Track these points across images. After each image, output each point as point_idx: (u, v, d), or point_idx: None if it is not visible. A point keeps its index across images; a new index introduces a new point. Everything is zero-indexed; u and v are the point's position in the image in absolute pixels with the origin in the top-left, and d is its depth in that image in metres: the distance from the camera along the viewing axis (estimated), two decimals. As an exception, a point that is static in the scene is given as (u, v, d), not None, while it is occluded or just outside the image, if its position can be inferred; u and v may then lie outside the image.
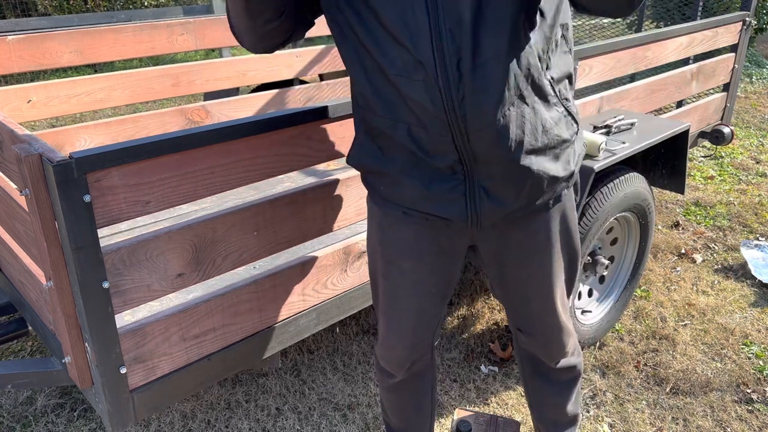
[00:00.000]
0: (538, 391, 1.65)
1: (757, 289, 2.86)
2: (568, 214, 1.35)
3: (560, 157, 1.23)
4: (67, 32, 2.40)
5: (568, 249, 1.39)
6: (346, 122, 1.57)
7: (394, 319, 1.43)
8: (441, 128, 1.12)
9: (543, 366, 1.59)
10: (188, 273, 1.38)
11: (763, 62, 6.84)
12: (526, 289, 1.39)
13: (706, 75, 3.09)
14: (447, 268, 1.38)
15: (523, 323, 1.47)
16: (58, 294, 1.23)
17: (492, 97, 1.08)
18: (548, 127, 1.18)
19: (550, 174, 1.21)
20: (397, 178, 1.23)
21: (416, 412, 1.66)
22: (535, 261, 1.34)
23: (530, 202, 1.24)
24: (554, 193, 1.27)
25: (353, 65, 1.18)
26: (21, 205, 1.32)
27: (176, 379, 1.45)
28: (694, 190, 3.93)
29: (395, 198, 1.27)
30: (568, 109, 1.23)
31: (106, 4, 7.68)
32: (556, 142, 1.20)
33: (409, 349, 1.47)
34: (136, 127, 2.58)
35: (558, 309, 1.43)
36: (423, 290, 1.38)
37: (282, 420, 2.11)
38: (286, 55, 3.02)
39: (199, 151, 1.30)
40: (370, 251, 1.44)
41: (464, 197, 1.20)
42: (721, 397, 2.20)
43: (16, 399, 2.21)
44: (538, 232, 1.31)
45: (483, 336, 2.52)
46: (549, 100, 1.17)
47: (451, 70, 1.06)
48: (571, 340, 1.52)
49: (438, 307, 1.43)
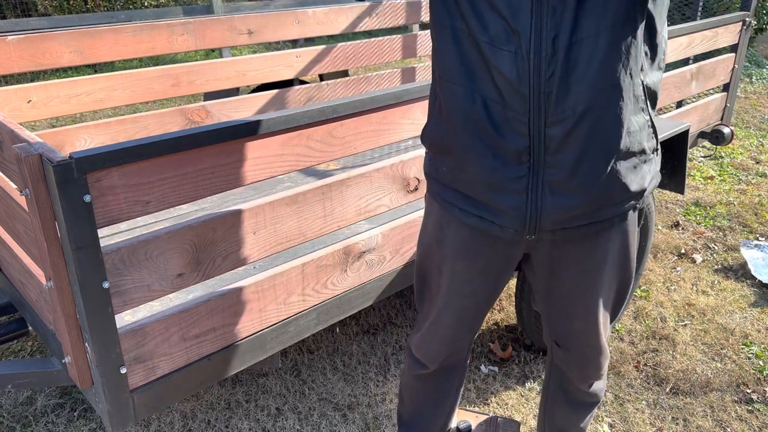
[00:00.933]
0: (558, 410, 1.63)
1: (757, 289, 2.86)
2: (630, 239, 1.29)
3: (637, 169, 1.17)
4: (67, 32, 2.40)
5: (622, 274, 1.34)
6: (346, 122, 1.57)
7: (437, 314, 1.43)
8: (520, 106, 1.07)
9: (571, 386, 1.55)
10: (188, 273, 1.38)
11: (763, 62, 6.84)
12: (572, 307, 1.35)
13: (706, 75, 3.09)
14: (497, 274, 1.34)
15: (562, 339, 1.44)
16: (58, 294, 1.23)
17: (583, 78, 1.03)
18: (633, 130, 1.12)
19: (623, 182, 1.15)
20: (462, 158, 1.17)
21: (435, 407, 1.65)
22: (587, 280, 1.30)
23: (594, 211, 1.17)
24: (620, 209, 1.20)
25: (443, 29, 1.13)
26: (21, 205, 1.32)
27: (176, 379, 1.45)
28: (694, 190, 3.93)
29: (456, 183, 1.22)
30: (653, 120, 1.18)
31: (106, 4, 7.67)
32: (637, 149, 1.15)
33: (446, 345, 1.47)
34: (136, 127, 2.58)
35: (600, 331, 1.39)
36: (470, 291, 1.36)
37: (282, 420, 2.11)
38: (286, 55, 3.03)
39: (199, 151, 1.30)
40: (424, 246, 1.41)
41: (525, 192, 1.14)
42: (721, 397, 2.20)
43: (16, 399, 2.21)
44: (596, 250, 1.26)
45: (483, 336, 2.52)
46: (638, 102, 1.12)
47: (545, 44, 1.02)
48: (605, 364, 1.48)
49: (482, 309, 1.41)
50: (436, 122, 1.23)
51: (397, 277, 1.89)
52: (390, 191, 1.76)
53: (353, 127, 1.59)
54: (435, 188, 1.30)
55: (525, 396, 2.21)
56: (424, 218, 1.41)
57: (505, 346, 2.45)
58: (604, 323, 1.40)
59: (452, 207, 1.26)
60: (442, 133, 1.21)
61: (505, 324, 2.60)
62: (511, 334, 2.54)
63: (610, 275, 1.31)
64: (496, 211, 1.19)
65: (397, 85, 2.46)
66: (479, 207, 1.21)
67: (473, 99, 1.12)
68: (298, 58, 3.07)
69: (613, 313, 1.42)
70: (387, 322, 2.63)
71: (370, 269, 1.80)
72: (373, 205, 1.73)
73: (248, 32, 2.92)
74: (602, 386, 1.57)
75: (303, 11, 3.10)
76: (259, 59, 2.93)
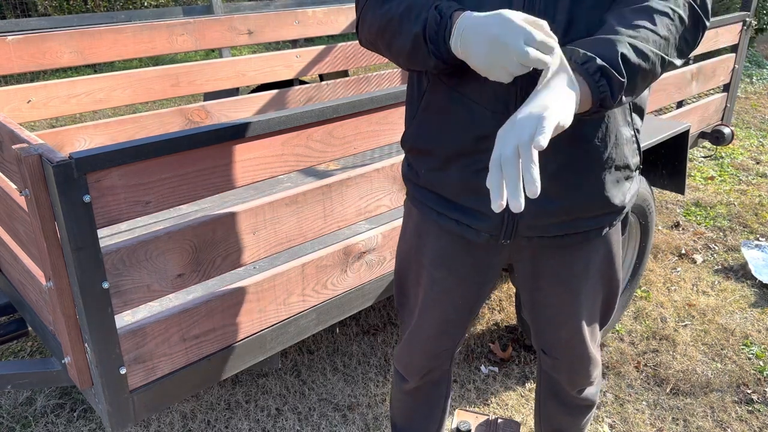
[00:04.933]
0: (552, 413, 1.62)
1: (757, 289, 2.86)
2: (614, 249, 1.28)
3: (620, 184, 1.16)
4: (67, 32, 2.40)
5: (607, 284, 1.33)
6: (345, 122, 1.57)
7: (416, 325, 1.40)
8: (505, 108, 1.06)
9: (562, 391, 1.55)
10: (188, 273, 1.38)
11: (763, 63, 6.84)
12: (556, 317, 1.34)
13: (706, 75, 3.08)
14: (478, 284, 1.33)
15: (548, 348, 1.43)
16: (58, 294, 1.23)
17: None
18: (620, 142, 1.11)
19: (605, 195, 1.14)
20: (443, 161, 1.16)
21: (425, 418, 1.63)
22: (569, 291, 1.28)
23: (572, 221, 1.16)
24: (598, 222, 1.19)
25: None
26: (21, 206, 1.32)
27: (176, 379, 1.45)
28: (694, 191, 3.93)
29: (435, 186, 1.21)
30: (637, 137, 1.17)
31: (106, 4, 7.67)
32: (622, 163, 1.14)
33: (427, 357, 1.44)
34: (136, 128, 2.58)
35: (587, 340, 1.38)
36: (450, 301, 1.34)
37: (282, 420, 2.10)
38: (286, 55, 3.02)
39: (199, 152, 1.30)
40: (403, 254, 1.40)
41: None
42: (722, 398, 2.20)
43: (15, 399, 2.21)
44: (577, 261, 1.25)
45: (483, 336, 2.52)
46: (626, 116, 1.12)
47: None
48: (596, 371, 1.48)
49: (463, 320, 1.39)
50: (416, 124, 1.22)
51: (397, 278, 1.89)
52: (390, 191, 1.76)
53: (353, 127, 1.59)
54: (414, 192, 1.29)
55: (525, 396, 2.21)
56: (403, 226, 1.39)
57: (505, 346, 2.45)
58: (591, 332, 1.38)
59: (430, 211, 1.25)
60: (425, 137, 1.19)
61: (505, 324, 2.60)
62: (511, 335, 2.54)
63: (594, 286, 1.30)
64: (474, 214, 1.18)
65: (397, 85, 2.46)
66: (457, 210, 1.20)
67: (457, 100, 1.11)
68: (297, 58, 3.07)
69: (602, 321, 1.41)
70: (387, 323, 2.63)
71: (370, 269, 1.80)
72: (373, 205, 1.73)
73: (248, 32, 2.92)
74: (595, 391, 1.56)
75: (303, 11, 3.10)
76: (259, 59, 2.93)
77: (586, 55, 0.91)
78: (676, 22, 0.98)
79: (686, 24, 1.00)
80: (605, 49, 0.92)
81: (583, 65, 0.90)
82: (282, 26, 3.04)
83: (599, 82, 0.90)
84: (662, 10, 0.97)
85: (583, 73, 0.90)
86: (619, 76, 0.91)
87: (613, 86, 0.91)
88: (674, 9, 0.98)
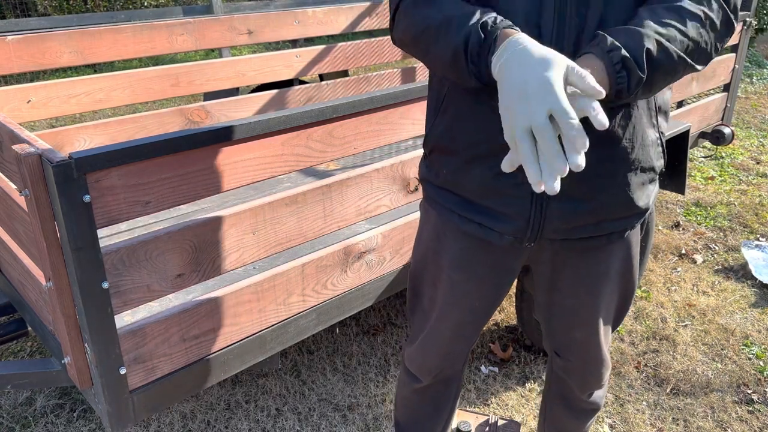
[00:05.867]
0: (558, 416, 1.61)
1: (757, 289, 2.86)
2: (633, 251, 1.28)
3: (644, 186, 1.15)
4: (67, 32, 2.40)
5: (625, 288, 1.32)
6: (345, 122, 1.57)
7: (432, 327, 1.39)
8: None
9: (571, 394, 1.54)
10: (188, 273, 1.38)
11: (763, 62, 6.85)
12: (573, 318, 1.33)
13: (706, 75, 3.08)
14: (496, 285, 1.31)
15: (562, 349, 1.42)
16: (58, 294, 1.23)
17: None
18: (647, 144, 1.10)
19: (630, 197, 1.13)
20: (466, 161, 1.14)
21: (432, 418, 1.61)
22: (589, 293, 1.28)
23: (597, 223, 1.15)
24: (623, 224, 1.18)
25: None
26: (21, 206, 1.32)
27: (176, 379, 1.45)
28: (694, 191, 3.93)
29: (457, 187, 1.19)
30: (662, 140, 1.16)
31: (106, 4, 7.68)
32: (648, 165, 1.12)
33: (442, 357, 1.43)
34: (135, 127, 2.58)
35: (601, 342, 1.37)
36: (468, 304, 1.33)
37: (282, 421, 2.10)
38: (286, 55, 3.02)
39: (199, 152, 1.30)
40: (419, 256, 1.38)
41: (530, 197, 1.11)
42: (722, 398, 2.20)
43: (15, 399, 2.21)
44: (598, 263, 1.24)
45: (483, 336, 2.52)
46: (651, 117, 1.11)
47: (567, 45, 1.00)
48: (606, 374, 1.47)
49: (479, 322, 1.38)
50: (438, 123, 1.20)
51: (397, 278, 1.89)
52: (390, 191, 1.75)
53: (353, 127, 1.59)
54: (432, 194, 1.27)
55: (525, 397, 2.21)
56: (420, 228, 1.38)
57: (506, 346, 2.45)
58: (606, 334, 1.38)
59: (451, 213, 1.23)
60: (448, 136, 1.17)
61: (505, 324, 2.60)
62: (511, 335, 2.54)
63: (613, 288, 1.30)
64: (497, 216, 1.16)
65: (397, 85, 2.46)
66: (480, 212, 1.18)
67: (482, 100, 1.09)
68: (297, 58, 3.07)
69: (615, 323, 1.40)
70: (387, 323, 2.63)
71: (370, 270, 1.80)
72: (373, 206, 1.73)
73: (248, 32, 2.92)
74: (602, 394, 1.55)
75: (303, 11, 3.10)
76: (259, 59, 2.93)
77: (613, 44, 0.91)
78: (707, 26, 0.97)
79: (717, 29, 0.99)
80: (632, 40, 0.92)
81: (609, 53, 0.90)
82: (282, 26, 3.03)
83: (620, 73, 0.90)
84: (695, 12, 0.97)
85: (606, 61, 0.90)
86: (640, 71, 0.91)
87: (632, 80, 0.91)
88: (707, 13, 0.97)
